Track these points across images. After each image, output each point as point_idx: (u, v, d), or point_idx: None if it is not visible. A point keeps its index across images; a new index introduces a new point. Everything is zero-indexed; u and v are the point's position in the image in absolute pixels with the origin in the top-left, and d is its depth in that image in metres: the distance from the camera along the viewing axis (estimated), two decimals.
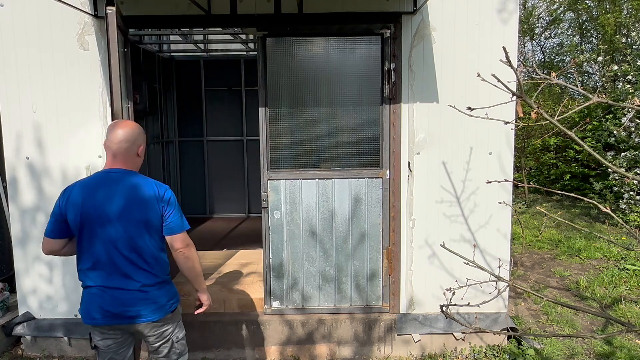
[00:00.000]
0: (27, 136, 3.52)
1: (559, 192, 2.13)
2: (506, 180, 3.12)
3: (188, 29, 6.15)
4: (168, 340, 2.46)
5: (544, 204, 9.21)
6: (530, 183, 10.18)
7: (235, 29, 5.66)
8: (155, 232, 2.30)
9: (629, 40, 8.76)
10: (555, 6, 12.97)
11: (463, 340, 3.78)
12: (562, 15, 13.18)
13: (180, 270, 2.44)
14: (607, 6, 10.81)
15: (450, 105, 2.49)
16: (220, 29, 5.61)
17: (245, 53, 7.34)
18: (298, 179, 3.63)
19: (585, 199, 2.01)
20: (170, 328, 2.46)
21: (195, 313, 2.58)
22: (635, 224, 7.24)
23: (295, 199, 3.65)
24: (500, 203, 3.51)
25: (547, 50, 14.74)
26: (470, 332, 3.50)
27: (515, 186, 8.13)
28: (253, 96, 7.15)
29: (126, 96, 3.44)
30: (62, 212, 2.26)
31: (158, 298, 2.33)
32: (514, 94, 1.67)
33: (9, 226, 3.90)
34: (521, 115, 1.88)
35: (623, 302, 4.57)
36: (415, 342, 3.76)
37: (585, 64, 10.50)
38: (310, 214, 3.67)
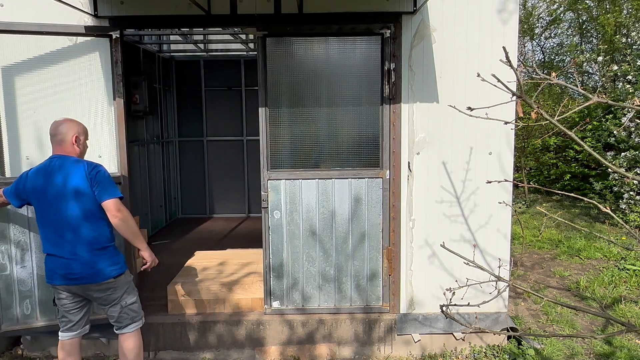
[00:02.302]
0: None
1: (559, 192, 2.13)
2: (506, 180, 3.12)
3: (188, 29, 6.15)
4: (116, 305, 2.82)
5: (544, 204, 9.21)
6: (530, 183, 10.18)
7: (235, 29, 5.66)
8: (86, 204, 2.67)
9: (629, 40, 8.76)
10: (555, 6, 12.97)
11: (463, 340, 3.78)
12: (562, 15, 13.17)
13: (120, 234, 2.78)
14: (607, 6, 10.81)
15: (450, 105, 2.49)
16: (220, 29, 5.61)
17: (245, 53, 7.34)
18: (298, 179, 3.63)
19: (585, 199, 2.01)
20: (115, 293, 2.80)
21: (142, 269, 2.94)
22: (635, 224, 7.24)
23: (295, 199, 3.65)
24: (500, 203, 3.51)
25: (547, 50, 14.74)
26: (470, 332, 3.50)
27: (515, 186, 8.13)
28: (253, 96, 7.16)
29: (113, 95, 3.47)
30: (19, 191, 2.80)
31: (95, 264, 2.71)
32: (514, 94, 1.67)
33: None
34: (521, 115, 1.88)
35: (623, 302, 4.57)
36: (416, 342, 3.76)
37: (585, 64, 10.49)
38: (310, 214, 3.67)
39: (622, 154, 7.67)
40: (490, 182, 2.77)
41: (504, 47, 1.64)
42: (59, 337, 2.89)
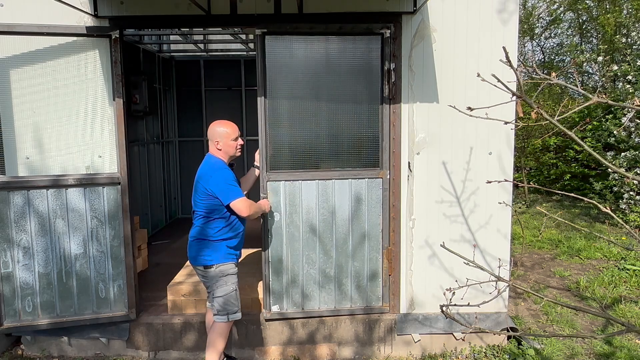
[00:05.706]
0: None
1: (559, 192, 2.13)
2: (506, 180, 3.12)
3: (188, 29, 6.14)
4: (210, 292, 3.19)
5: (544, 204, 9.21)
6: (530, 183, 10.17)
7: (235, 29, 5.66)
8: (201, 198, 3.08)
9: (629, 40, 8.76)
10: (555, 6, 12.97)
11: (463, 340, 3.78)
12: (562, 15, 13.17)
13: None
14: (607, 6, 10.81)
15: (450, 105, 2.49)
16: (220, 29, 5.61)
17: (245, 53, 7.33)
18: (298, 180, 3.63)
19: (585, 199, 2.00)
20: (205, 281, 3.19)
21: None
22: (635, 224, 7.23)
23: (295, 201, 3.64)
24: (500, 203, 3.51)
25: (547, 50, 14.74)
26: (470, 332, 3.50)
27: (515, 186, 8.13)
28: (253, 96, 7.12)
29: (113, 95, 3.47)
30: None
31: (194, 249, 3.15)
32: (514, 94, 1.67)
33: None
34: (521, 115, 1.88)
35: (623, 302, 4.57)
36: (416, 342, 3.76)
37: (585, 64, 10.50)
38: (310, 215, 3.66)
39: (622, 154, 7.67)
40: (490, 182, 2.77)
41: (504, 47, 1.63)
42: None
